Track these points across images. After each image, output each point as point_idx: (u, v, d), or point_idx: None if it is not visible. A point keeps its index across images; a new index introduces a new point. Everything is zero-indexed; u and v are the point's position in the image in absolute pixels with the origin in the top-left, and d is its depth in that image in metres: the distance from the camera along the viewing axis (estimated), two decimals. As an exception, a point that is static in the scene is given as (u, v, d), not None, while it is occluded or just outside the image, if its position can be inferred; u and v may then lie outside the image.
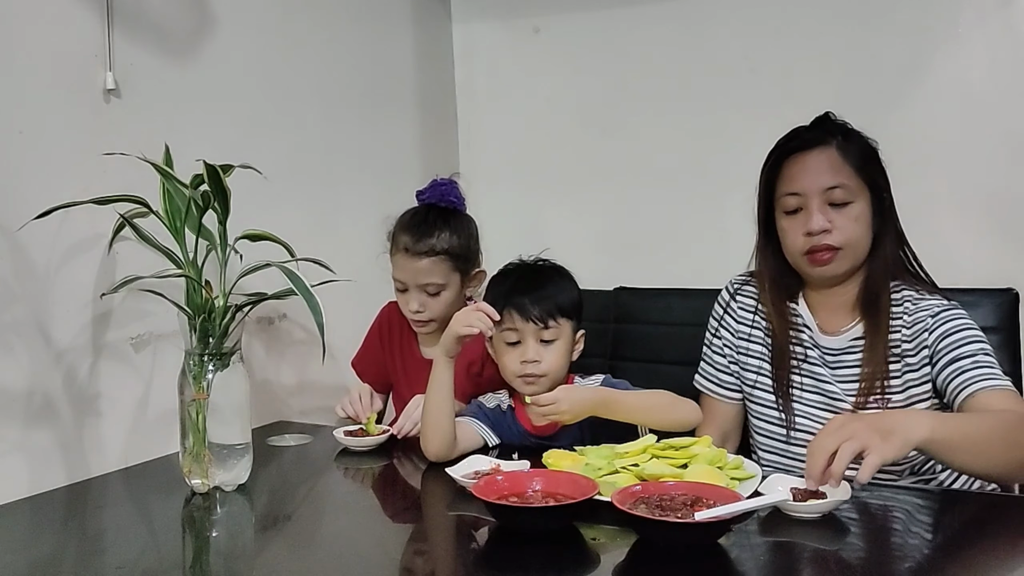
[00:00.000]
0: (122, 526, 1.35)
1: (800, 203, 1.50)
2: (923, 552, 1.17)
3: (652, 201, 2.31)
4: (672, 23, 2.26)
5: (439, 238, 1.72)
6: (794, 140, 1.54)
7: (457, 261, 1.73)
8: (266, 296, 1.46)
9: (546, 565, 1.12)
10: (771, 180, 1.55)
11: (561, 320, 1.55)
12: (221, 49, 1.79)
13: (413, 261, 1.71)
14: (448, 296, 1.74)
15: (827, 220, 1.47)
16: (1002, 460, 1.28)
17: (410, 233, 1.73)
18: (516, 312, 1.54)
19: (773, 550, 1.16)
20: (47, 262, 1.47)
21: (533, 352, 1.54)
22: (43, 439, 1.47)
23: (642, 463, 1.31)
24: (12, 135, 1.43)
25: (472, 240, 1.78)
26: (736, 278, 1.71)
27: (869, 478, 1.15)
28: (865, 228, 1.50)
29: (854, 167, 1.49)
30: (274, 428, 1.83)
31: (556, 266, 1.64)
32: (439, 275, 1.72)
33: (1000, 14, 1.93)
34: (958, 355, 1.42)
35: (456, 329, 1.48)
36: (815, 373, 1.56)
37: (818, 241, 1.48)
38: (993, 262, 1.90)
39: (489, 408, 1.63)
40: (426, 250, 1.71)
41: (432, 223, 1.73)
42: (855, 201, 1.49)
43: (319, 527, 1.35)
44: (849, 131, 1.53)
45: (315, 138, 2.05)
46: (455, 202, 1.78)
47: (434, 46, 2.48)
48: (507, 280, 1.61)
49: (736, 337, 1.66)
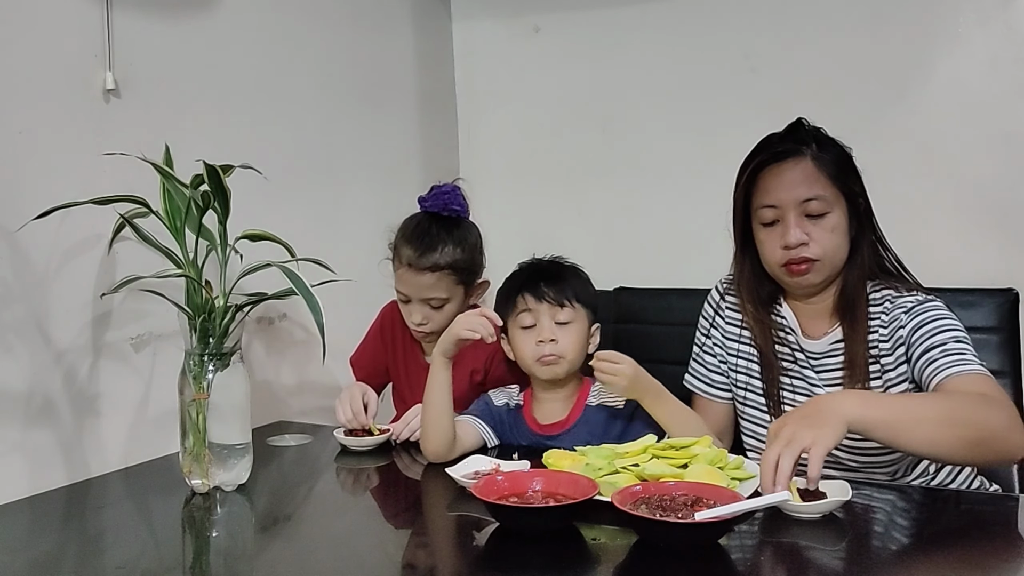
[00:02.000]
0: (122, 526, 1.35)
1: (777, 215, 1.50)
2: (923, 552, 1.17)
3: (652, 201, 2.31)
4: (672, 23, 2.26)
5: (443, 252, 1.68)
6: (767, 150, 1.53)
7: (461, 275, 1.71)
8: (266, 296, 1.46)
9: (546, 565, 1.12)
10: (747, 191, 1.55)
11: (577, 305, 1.55)
12: (221, 49, 1.79)
13: (416, 276, 1.69)
14: (451, 309, 1.71)
15: (804, 233, 1.47)
16: (946, 437, 1.25)
17: (413, 247, 1.69)
18: (530, 294, 1.54)
19: (773, 550, 1.17)
20: (47, 262, 1.47)
21: (548, 332, 1.53)
22: (43, 439, 1.47)
23: (642, 463, 1.31)
24: (12, 135, 1.43)
25: (476, 251, 1.75)
26: (725, 279, 1.70)
27: (819, 471, 1.16)
28: (842, 237, 1.50)
29: (829, 177, 1.48)
30: (274, 428, 1.83)
31: (572, 264, 1.64)
32: (443, 289, 1.70)
33: (1000, 14, 1.93)
34: (930, 344, 1.42)
35: (457, 331, 1.48)
36: (804, 376, 1.55)
37: (795, 254, 1.48)
38: (993, 262, 1.90)
39: (497, 405, 1.62)
40: (429, 265, 1.68)
41: (435, 235, 1.70)
42: (831, 212, 1.48)
43: (319, 527, 1.35)
44: (823, 139, 1.52)
45: (315, 137, 2.05)
46: (458, 210, 1.74)
47: (434, 45, 2.48)
48: (521, 273, 1.61)
49: (726, 338, 1.66)
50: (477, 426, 1.58)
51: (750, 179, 1.54)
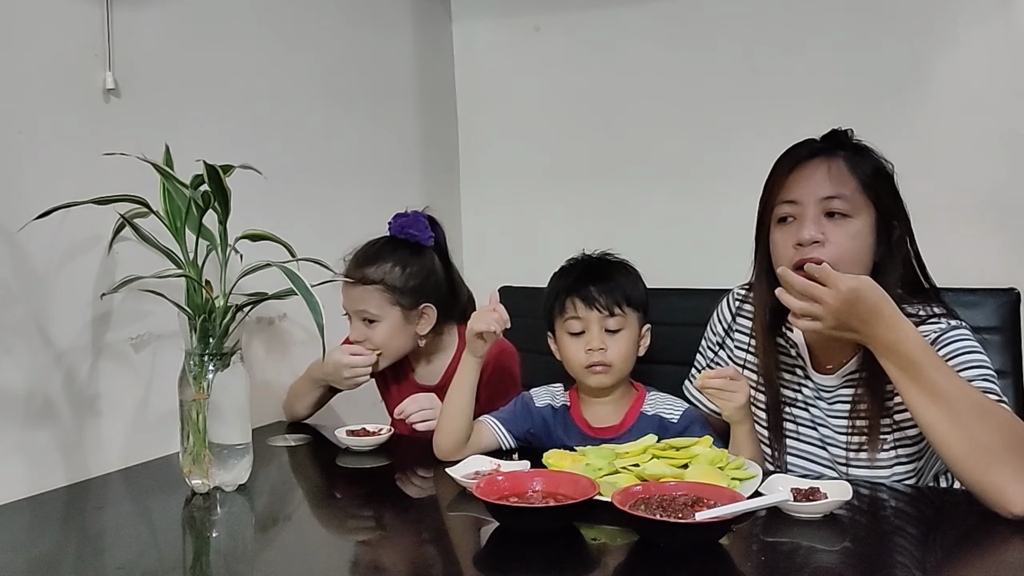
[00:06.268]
0: (122, 526, 1.35)
1: (795, 211, 1.39)
2: (923, 552, 1.17)
3: (652, 200, 2.31)
4: (673, 22, 2.26)
5: (378, 268, 1.72)
6: (798, 152, 1.44)
7: (394, 294, 1.72)
8: (266, 296, 1.46)
9: (546, 565, 1.12)
10: (771, 192, 1.44)
11: (627, 310, 1.53)
12: (221, 49, 1.79)
13: (350, 288, 1.74)
14: (385, 329, 1.73)
15: (820, 231, 1.36)
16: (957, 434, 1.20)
17: (353, 261, 1.76)
18: (580, 300, 1.52)
19: (773, 550, 1.16)
20: (47, 262, 1.47)
21: (598, 340, 1.51)
22: (43, 439, 1.47)
23: (643, 463, 1.31)
24: (12, 135, 1.43)
25: (420, 277, 1.74)
26: (738, 292, 1.64)
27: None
28: (863, 248, 1.38)
29: (859, 180, 1.39)
30: (274, 428, 1.83)
31: (621, 260, 1.62)
32: (374, 305, 1.72)
33: (1000, 14, 1.93)
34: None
35: (472, 325, 1.48)
36: (810, 410, 1.48)
37: (807, 253, 1.35)
38: (994, 262, 1.89)
39: (538, 407, 1.59)
40: (359, 278, 1.72)
41: (376, 254, 1.74)
42: (855, 217, 1.37)
43: (319, 527, 1.35)
44: (862, 148, 1.44)
45: (315, 137, 2.05)
46: (416, 235, 1.77)
47: (434, 44, 2.48)
48: (571, 272, 1.58)
49: (733, 362, 1.60)
50: (493, 428, 1.57)
51: (777, 181, 1.44)
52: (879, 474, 1.42)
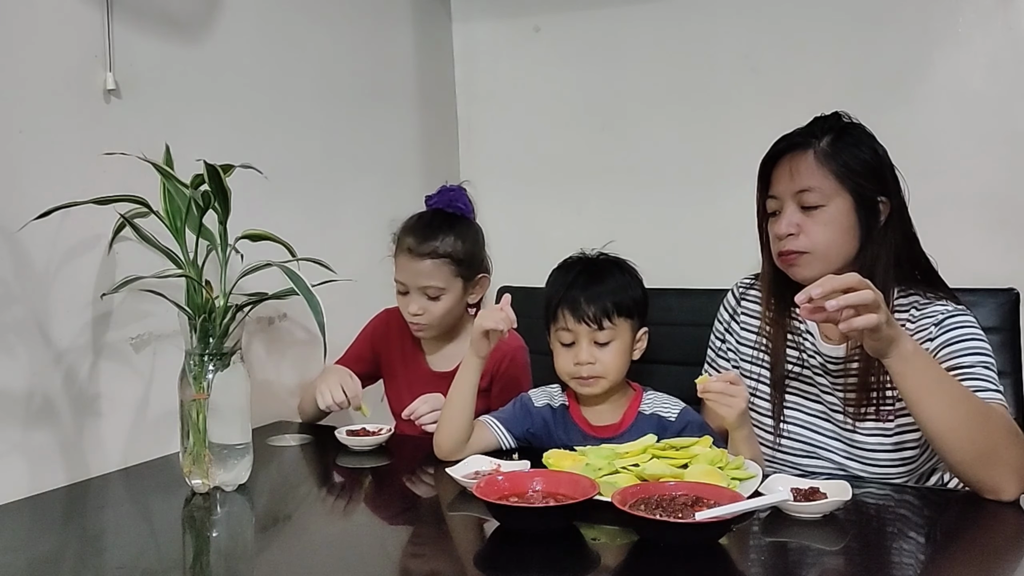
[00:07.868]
0: (122, 526, 1.35)
1: (777, 206, 1.51)
2: (922, 552, 1.17)
3: (652, 200, 2.31)
4: (673, 22, 2.26)
5: (443, 241, 1.73)
6: (779, 144, 1.53)
7: (459, 266, 1.74)
8: (266, 296, 1.46)
9: (546, 565, 1.12)
10: (759, 188, 1.55)
11: (617, 320, 1.52)
12: (221, 49, 1.79)
13: (415, 262, 1.72)
14: (448, 301, 1.74)
15: (795, 224, 1.47)
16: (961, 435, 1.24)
17: (414, 235, 1.74)
18: (570, 312, 1.52)
19: (773, 550, 1.16)
20: (47, 262, 1.47)
21: (586, 355, 1.52)
22: (43, 439, 1.47)
23: (642, 463, 1.31)
24: (12, 135, 1.43)
25: (476, 247, 1.79)
26: (742, 281, 1.70)
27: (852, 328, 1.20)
28: (839, 233, 1.46)
29: (832, 170, 1.46)
30: (274, 428, 1.83)
31: (618, 260, 1.61)
32: (440, 278, 1.72)
33: (1000, 14, 1.93)
34: (955, 365, 1.36)
35: (481, 323, 1.47)
36: (816, 383, 1.53)
37: (785, 245, 1.48)
38: (994, 262, 1.89)
39: (538, 407, 1.60)
40: (428, 252, 1.72)
41: (437, 227, 1.75)
42: (827, 205, 1.45)
43: (319, 527, 1.35)
44: (843, 132, 1.49)
45: (315, 138, 2.05)
46: (462, 208, 1.79)
47: (434, 45, 2.48)
48: (567, 275, 1.58)
49: (740, 343, 1.65)
50: (493, 428, 1.57)
51: (761, 177, 1.54)
52: (885, 442, 1.46)
